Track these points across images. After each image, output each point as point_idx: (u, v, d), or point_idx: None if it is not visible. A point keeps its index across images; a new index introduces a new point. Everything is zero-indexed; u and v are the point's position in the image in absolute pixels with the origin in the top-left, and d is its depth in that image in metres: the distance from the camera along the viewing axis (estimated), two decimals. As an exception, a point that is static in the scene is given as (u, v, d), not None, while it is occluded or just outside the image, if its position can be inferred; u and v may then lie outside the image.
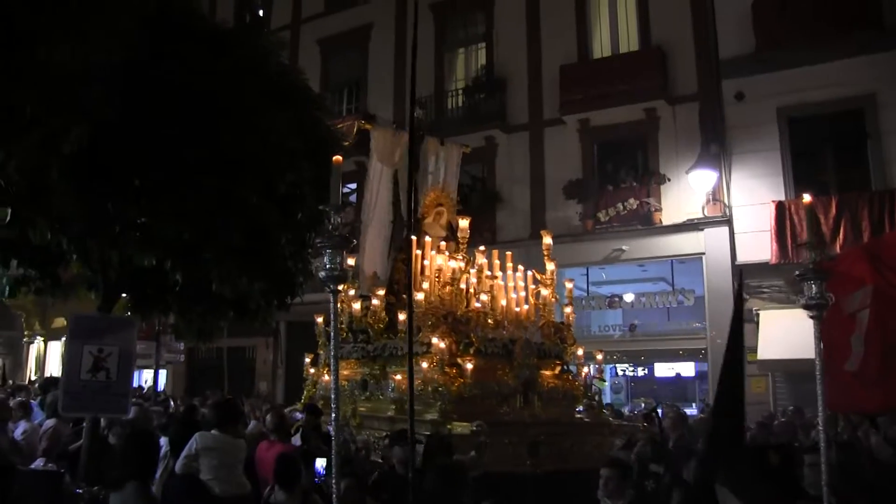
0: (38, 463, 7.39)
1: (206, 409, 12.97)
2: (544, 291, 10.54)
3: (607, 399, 16.49)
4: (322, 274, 4.06)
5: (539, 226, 18.56)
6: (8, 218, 6.85)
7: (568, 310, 10.80)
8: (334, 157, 4.24)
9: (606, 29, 19.41)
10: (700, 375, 20.03)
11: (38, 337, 32.05)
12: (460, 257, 9.84)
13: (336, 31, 23.94)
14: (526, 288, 10.83)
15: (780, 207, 15.56)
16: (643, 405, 15.45)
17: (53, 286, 8.74)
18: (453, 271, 9.63)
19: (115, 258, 7.16)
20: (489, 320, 9.81)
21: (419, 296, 9.50)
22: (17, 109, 4.94)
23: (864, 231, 14.37)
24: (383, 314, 10.46)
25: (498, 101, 20.31)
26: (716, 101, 17.24)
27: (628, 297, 19.13)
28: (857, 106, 15.60)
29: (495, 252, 11.02)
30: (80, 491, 6.57)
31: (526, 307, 10.66)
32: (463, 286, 9.81)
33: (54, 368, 30.98)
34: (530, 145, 19.76)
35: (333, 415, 4.01)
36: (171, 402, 14.42)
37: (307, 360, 11.70)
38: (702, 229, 16.93)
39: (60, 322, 29.96)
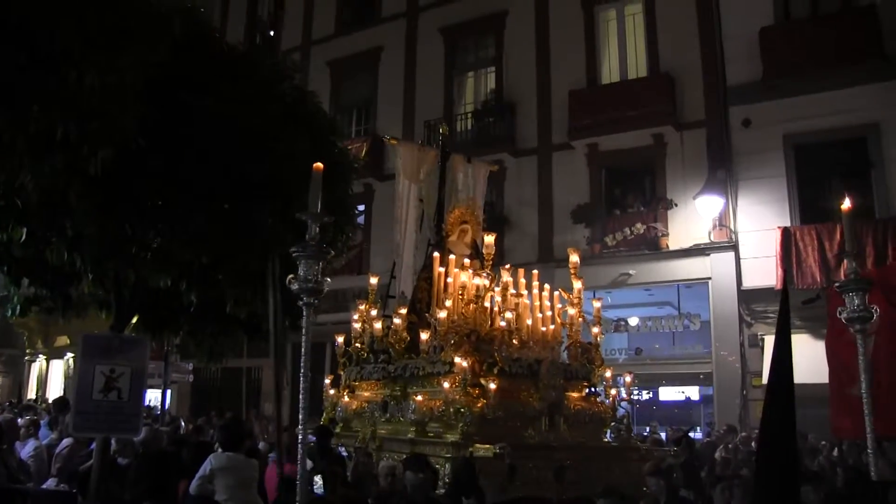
0: (50, 483, 7.47)
1: (215, 429, 13.13)
2: (571, 311, 10.13)
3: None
4: (295, 286, 4.01)
5: (547, 249, 18.74)
6: (24, 237, 6.99)
7: (595, 330, 10.34)
8: (314, 165, 4.19)
9: (615, 55, 19.58)
10: (705, 399, 20.05)
11: (41, 355, 32.08)
12: (485, 275, 9.51)
13: (346, 53, 24.16)
14: (552, 307, 10.45)
15: (785, 233, 15.67)
16: (647, 430, 15.43)
17: (64, 305, 8.86)
18: (477, 288, 9.28)
19: (131, 278, 7.26)
20: (514, 340, 9.52)
21: (442, 314, 9.27)
22: (45, 131, 5.07)
23: (868, 258, 14.44)
24: (405, 334, 10.19)
25: (507, 124, 20.47)
26: (723, 128, 17.39)
27: (634, 321, 19.21)
28: (861, 134, 15.77)
29: (521, 270, 10.71)
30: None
31: (552, 327, 10.27)
32: (487, 304, 9.48)
33: (56, 387, 31.05)
34: (539, 169, 19.89)
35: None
36: (182, 423, 14.47)
37: (326, 381, 11.55)
38: (708, 254, 17.01)
39: (63, 340, 30.03)
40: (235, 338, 9.71)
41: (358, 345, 10.76)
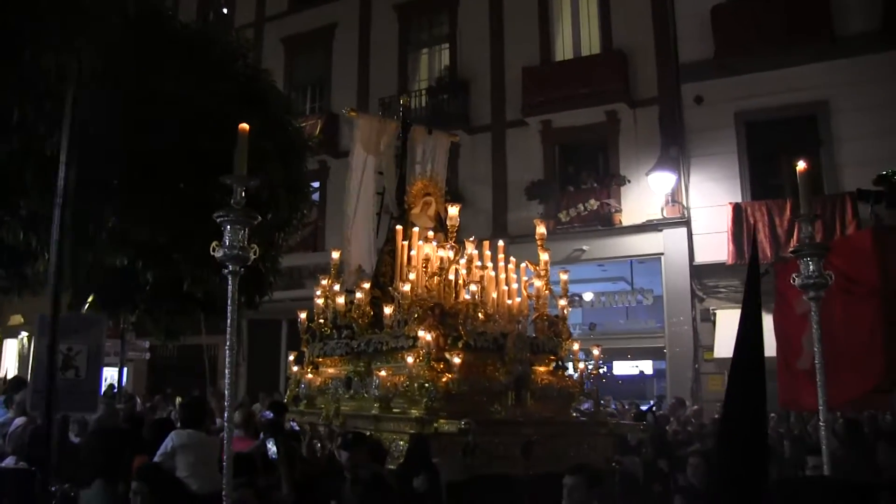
0: (9, 461, 7.42)
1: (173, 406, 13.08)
2: (537, 283, 9.80)
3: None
4: (220, 253, 3.84)
5: (501, 226, 18.83)
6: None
7: (563, 302, 10.02)
8: (240, 126, 4.00)
9: (569, 32, 19.63)
10: (658, 374, 20.38)
11: (-6, 334, 31.59)
12: (449, 247, 9.21)
13: (300, 29, 23.93)
14: (519, 280, 10.17)
15: (736, 209, 15.95)
16: (612, 404, 15.63)
17: (20, 285, 8.79)
18: (441, 261, 8.99)
19: (88, 258, 7.22)
20: (479, 313, 9.25)
21: (405, 287, 8.99)
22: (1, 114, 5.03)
23: (817, 233, 14.60)
24: (368, 309, 9.93)
25: (461, 102, 20.46)
26: (675, 105, 17.57)
27: (588, 297, 19.42)
28: (811, 112, 16.06)
29: (486, 242, 10.44)
30: (54, 489, 6.63)
31: (518, 300, 9.97)
32: (452, 277, 9.23)
33: (11, 365, 30.58)
34: (493, 146, 19.93)
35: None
36: (137, 400, 14.37)
37: (290, 357, 11.22)
38: (661, 230, 17.23)
39: (17, 319, 29.54)
40: (192, 316, 9.71)
41: (321, 320, 10.49)
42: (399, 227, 10.35)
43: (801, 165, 4.29)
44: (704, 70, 17.09)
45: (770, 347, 8.44)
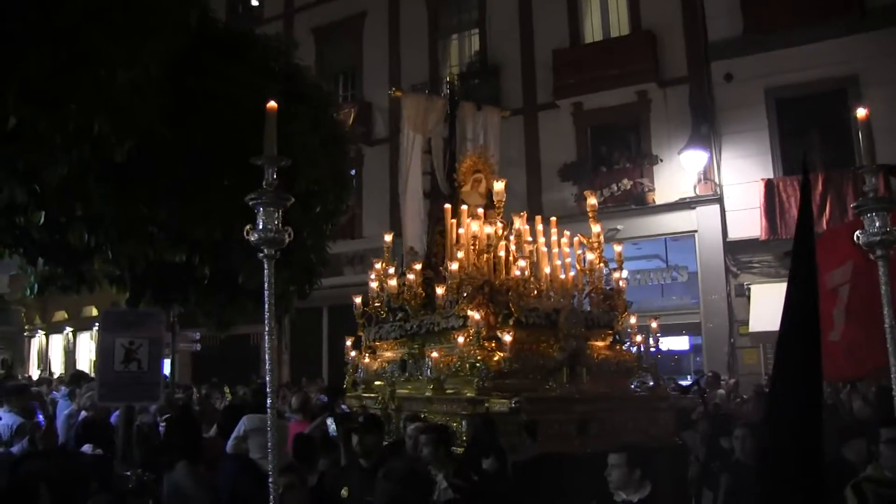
0: (87, 448, 7.88)
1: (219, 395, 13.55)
2: (590, 256, 9.48)
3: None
4: (254, 237, 3.72)
5: (535, 208, 18.94)
6: (42, 221, 7.33)
7: (617, 275, 9.67)
8: (268, 105, 3.82)
9: (598, 13, 19.82)
10: (694, 349, 20.58)
11: (40, 331, 32.38)
12: (496, 222, 9.01)
13: (330, 19, 24.21)
14: (572, 254, 9.82)
15: (769, 185, 16.10)
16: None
17: (79, 282, 9.23)
18: (488, 237, 8.74)
19: (149, 256, 7.62)
20: (531, 289, 8.92)
21: (453, 266, 8.69)
22: (82, 128, 5.42)
23: (849, 207, 14.90)
24: (420, 290, 9.69)
25: (492, 86, 20.66)
26: (705, 83, 17.73)
27: (623, 275, 19.60)
28: (841, 86, 16.12)
29: (538, 217, 10.13)
30: (129, 474, 7.07)
31: (572, 274, 9.59)
32: (502, 254, 8.98)
33: (56, 360, 31.41)
34: (525, 129, 20.14)
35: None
36: (194, 391, 14.88)
37: (348, 342, 11.04)
38: (694, 208, 17.45)
39: (61, 315, 30.34)
40: (243, 306, 10.10)
41: (377, 304, 10.36)
42: (448, 206, 10.12)
43: (861, 112, 3.86)
44: (733, 47, 17.23)
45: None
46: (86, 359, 29.81)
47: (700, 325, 17.46)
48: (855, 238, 3.84)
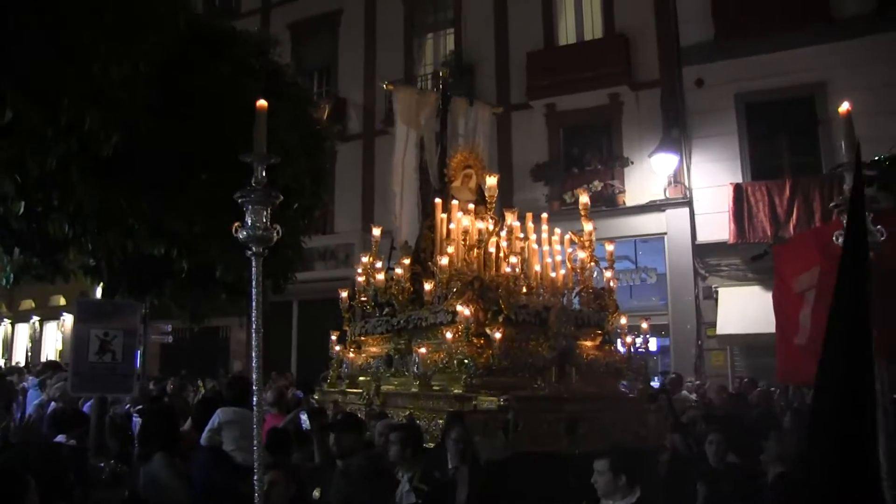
0: (61, 439, 7.89)
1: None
2: (581, 254, 9.31)
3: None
4: (242, 235, 3.68)
5: (506, 207, 19.21)
6: (21, 211, 7.35)
7: (608, 274, 9.52)
8: (257, 104, 3.82)
9: (572, 16, 20.03)
10: (662, 350, 20.83)
11: (5, 319, 32.10)
12: (488, 218, 8.93)
13: (306, 15, 24.22)
14: (563, 252, 9.64)
15: (737, 189, 16.38)
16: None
17: (54, 272, 9.25)
18: (479, 232, 8.66)
19: (129, 248, 7.67)
20: (521, 286, 8.79)
21: (443, 261, 8.58)
22: (74, 122, 5.49)
23: (816, 212, 15.24)
24: (408, 285, 9.56)
25: (467, 85, 20.74)
26: (677, 87, 17.98)
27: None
28: (809, 93, 16.44)
29: (529, 214, 10.14)
30: (103, 465, 7.11)
31: (563, 272, 9.41)
32: (493, 250, 8.89)
33: (20, 350, 31.17)
34: (498, 129, 20.19)
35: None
36: (168, 383, 14.83)
37: (333, 337, 10.75)
38: (664, 210, 17.68)
39: (28, 304, 30.10)
40: (217, 299, 10.16)
41: (363, 298, 10.23)
42: (438, 201, 10.06)
43: (843, 107, 3.67)
44: (705, 53, 17.50)
45: (770, 324, 8.97)
46: (52, 348, 29.65)
47: (668, 327, 17.69)
48: (834, 239, 3.65)
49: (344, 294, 10.64)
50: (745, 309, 15.27)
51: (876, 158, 9.75)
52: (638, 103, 18.54)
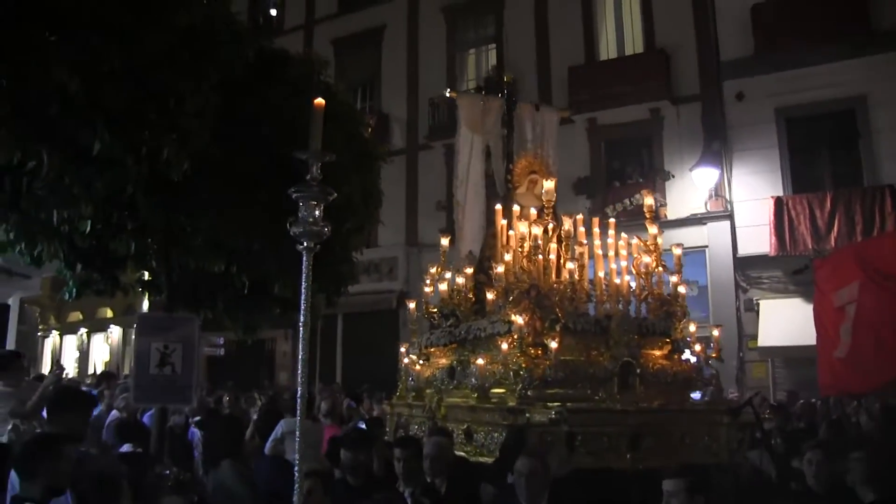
0: (126, 448, 8.27)
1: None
2: (647, 259, 8.78)
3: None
4: (296, 230, 3.73)
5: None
6: (88, 230, 7.76)
7: (674, 279, 8.90)
8: (315, 101, 3.86)
9: (612, 31, 20.28)
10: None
11: (54, 331, 32.79)
12: (543, 223, 8.54)
13: (349, 31, 24.63)
14: (629, 257, 9.02)
15: (778, 203, 16.49)
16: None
17: (113, 287, 9.67)
18: (535, 238, 8.21)
19: (191, 265, 8.04)
20: (581, 294, 8.35)
21: (499, 268, 8.33)
22: (144, 146, 5.89)
23: (857, 224, 15.30)
24: (471, 295, 9.29)
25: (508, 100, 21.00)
26: (717, 101, 18.15)
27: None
28: (849, 106, 16.54)
29: (595, 220, 9.71)
30: (168, 472, 7.46)
31: (628, 278, 8.83)
32: (553, 257, 8.49)
33: (70, 361, 31.83)
34: (540, 143, 20.49)
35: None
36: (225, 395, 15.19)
37: (402, 349, 10.55)
38: (705, 223, 17.82)
39: (76, 316, 30.77)
40: (270, 312, 10.50)
41: (433, 309, 9.90)
42: (498, 207, 9.79)
43: None
44: (745, 67, 17.64)
45: (812, 336, 9.16)
46: (99, 360, 30.27)
47: (710, 339, 17.71)
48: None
49: (412, 305, 10.48)
50: (786, 321, 15.37)
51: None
52: (678, 117, 18.71)
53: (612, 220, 9.80)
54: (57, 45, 5.16)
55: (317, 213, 3.75)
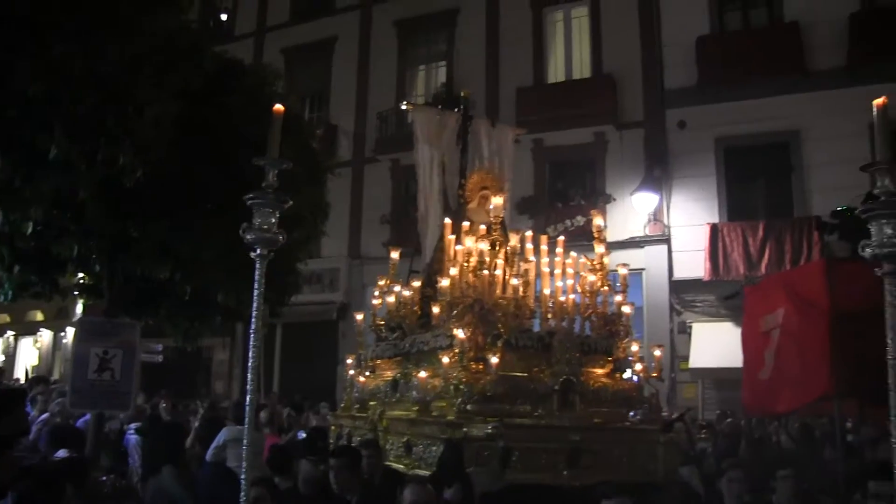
0: (62, 453, 8.24)
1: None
2: (591, 277, 8.82)
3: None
4: (250, 237, 3.76)
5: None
6: (30, 231, 7.75)
7: (619, 298, 9.02)
8: (274, 108, 3.92)
9: (561, 55, 20.67)
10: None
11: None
12: (491, 238, 8.57)
13: (300, 41, 24.65)
14: (576, 275, 9.01)
15: (713, 229, 16.98)
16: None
17: (52, 291, 9.62)
18: (481, 254, 8.26)
19: (138, 271, 8.08)
20: (525, 310, 8.45)
21: (444, 282, 8.29)
22: (101, 153, 5.96)
23: (787, 253, 15.86)
24: (417, 308, 9.35)
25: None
26: (660, 128, 18.65)
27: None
28: (784, 140, 17.15)
29: (544, 237, 9.71)
30: (105, 479, 7.47)
31: (572, 297, 8.80)
32: (499, 273, 8.45)
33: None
34: (485, 161, 20.75)
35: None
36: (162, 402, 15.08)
37: (349, 360, 10.57)
38: (643, 246, 18.22)
39: (3, 318, 30.10)
40: (211, 321, 10.54)
41: (380, 322, 9.89)
42: (447, 222, 9.70)
43: (878, 101, 3.34)
44: (688, 96, 18.18)
45: (740, 359, 9.54)
46: (27, 364, 29.65)
47: (644, 359, 18.11)
48: (862, 253, 3.27)
49: (359, 317, 10.47)
50: (716, 344, 15.84)
51: (839, 209, 10.26)
52: (622, 142, 19.14)
53: (560, 239, 9.90)
54: (21, 51, 5.23)
55: (272, 220, 3.79)
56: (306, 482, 6.01)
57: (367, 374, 9.76)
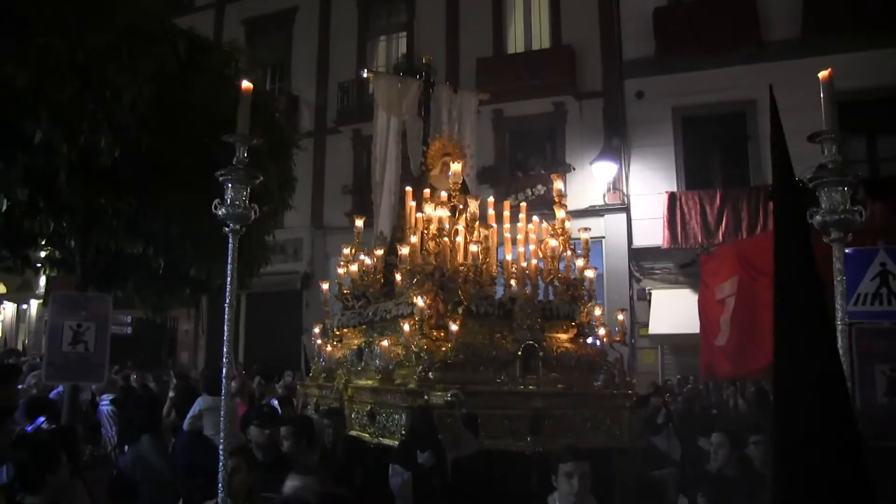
0: (41, 421, 8.40)
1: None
2: (553, 242, 8.68)
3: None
4: (222, 211, 3.80)
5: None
6: (4, 207, 7.83)
7: (581, 262, 8.93)
8: (243, 85, 3.96)
9: (521, 26, 20.86)
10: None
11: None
12: (449, 206, 8.49)
13: (261, 12, 24.57)
14: (539, 241, 8.91)
15: (671, 198, 17.38)
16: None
17: (23, 265, 9.70)
18: (439, 221, 8.16)
19: (112, 246, 8.19)
20: (486, 277, 8.34)
21: (404, 250, 8.30)
22: (82, 136, 6.10)
23: (744, 221, 16.29)
24: (380, 276, 9.36)
25: (417, 88, 21.37)
26: (618, 99, 18.96)
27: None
28: (740, 110, 17.53)
29: (506, 203, 9.89)
30: (85, 449, 7.65)
31: (534, 262, 8.63)
32: (460, 240, 8.49)
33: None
34: (447, 132, 20.94)
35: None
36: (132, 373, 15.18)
37: (315, 330, 10.50)
38: (602, 215, 18.56)
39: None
40: (181, 293, 10.67)
41: (346, 291, 9.90)
42: (409, 189, 9.75)
43: (823, 73, 3.40)
44: (646, 67, 18.49)
45: (696, 325, 9.91)
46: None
47: (606, 325, 18.53)
48: (810, 222, 3.18)
49: (325, 286, 10.46)
50: (675, 311, 16.26)
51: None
52: (581, 112, 19.43)
53: (523, 205, 9.91)
54: (5, 41, 5.35)
55: (243, 195, 3.88)
56: (257, 447, 6.10)
57: (334, 343, 9.79)
